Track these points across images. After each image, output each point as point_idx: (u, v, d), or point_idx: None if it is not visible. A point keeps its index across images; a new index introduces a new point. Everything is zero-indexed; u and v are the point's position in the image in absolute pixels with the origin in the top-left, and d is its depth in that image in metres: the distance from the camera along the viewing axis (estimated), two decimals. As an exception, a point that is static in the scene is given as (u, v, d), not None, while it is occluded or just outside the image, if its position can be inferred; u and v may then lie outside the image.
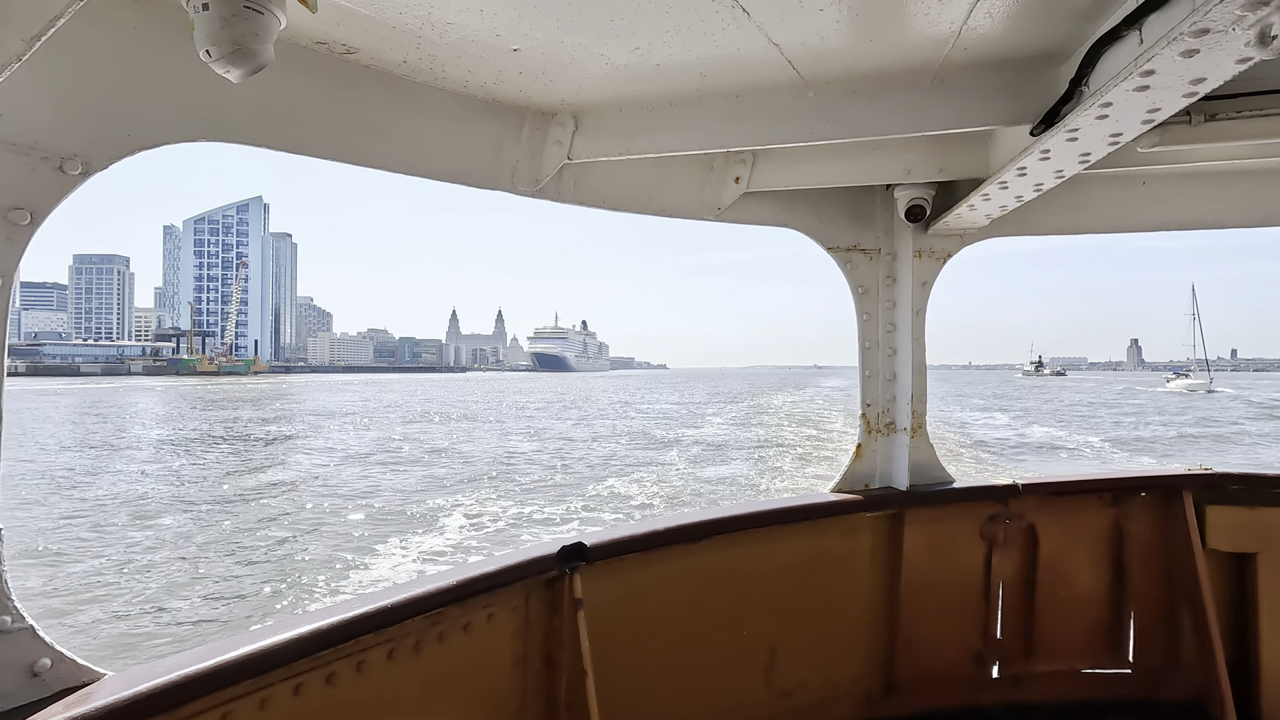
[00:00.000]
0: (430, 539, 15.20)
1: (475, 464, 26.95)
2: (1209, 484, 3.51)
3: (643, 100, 2.51)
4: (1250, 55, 1.47)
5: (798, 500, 3.33)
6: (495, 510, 17.99)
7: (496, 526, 16.31)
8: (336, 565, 13.44)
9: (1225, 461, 18.47)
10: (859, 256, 3.52)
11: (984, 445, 31.60)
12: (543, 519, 17.01)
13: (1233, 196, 3.34)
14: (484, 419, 50.08)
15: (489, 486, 21.29)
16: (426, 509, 18.24)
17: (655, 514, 14.13)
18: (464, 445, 33.16)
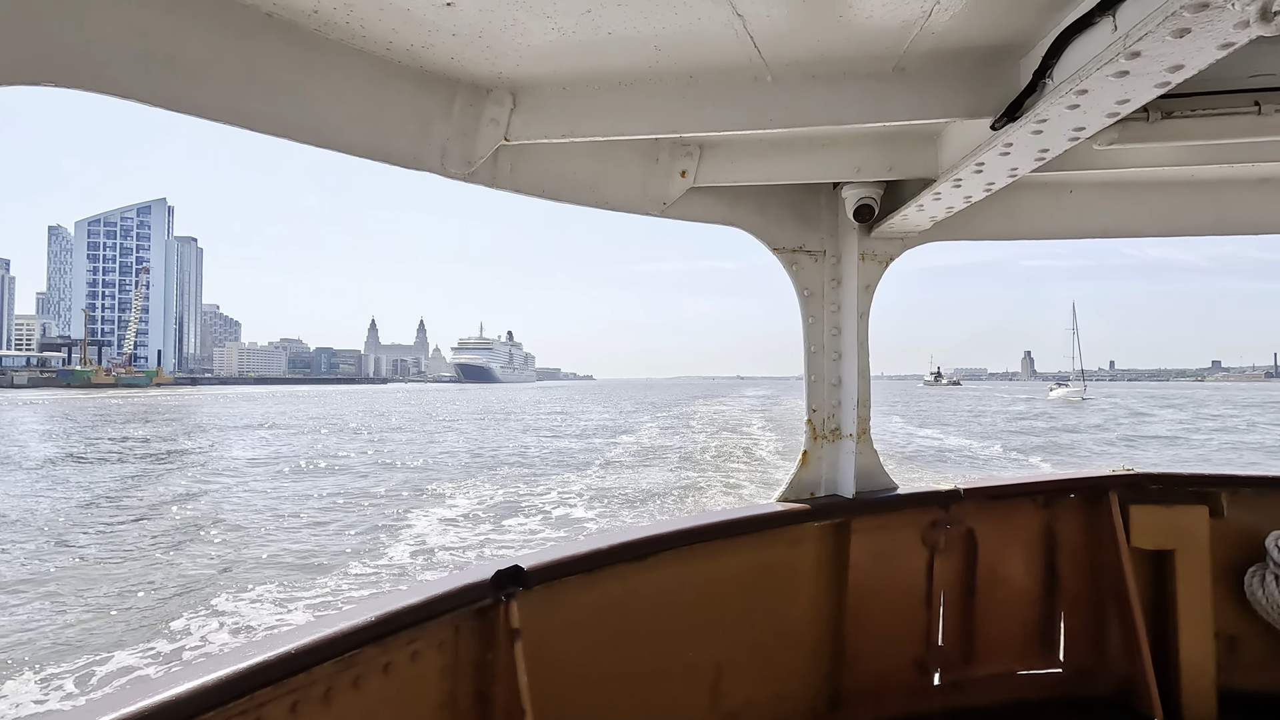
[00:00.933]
0: (354, 565, 13.77)
1: (403, 474, 25.60)
2: (1132, 484, 3.58)
3: (589, 77, 2.28)
4: (1236, 39, 1.38)
5: (744, 511, 3.17)
6: (426, 531, 16.70)
7: (432, 546, 15.06)
8: (235, 601, 11.75)
9: (1138, 461, 19.94)
10: (804, 258, 3.41)
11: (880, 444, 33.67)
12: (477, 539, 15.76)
13: (1149, 207, 3.43)
14: (411, 429, 48.16)
15: (417, 506, 19.79)
16: (348, 530, 16.94)
17: (599, 531, 13.50)
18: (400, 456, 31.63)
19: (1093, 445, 39.44)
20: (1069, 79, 1.73)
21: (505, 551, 13.27)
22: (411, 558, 14.08)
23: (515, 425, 52.75)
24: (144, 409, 75.03)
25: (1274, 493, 3.60)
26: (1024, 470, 21.05)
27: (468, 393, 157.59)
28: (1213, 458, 33.91)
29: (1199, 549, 3.49)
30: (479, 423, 53.03)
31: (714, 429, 44.57)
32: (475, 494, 21.31)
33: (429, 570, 13.20)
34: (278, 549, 15.03)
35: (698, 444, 36.02)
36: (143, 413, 68.22)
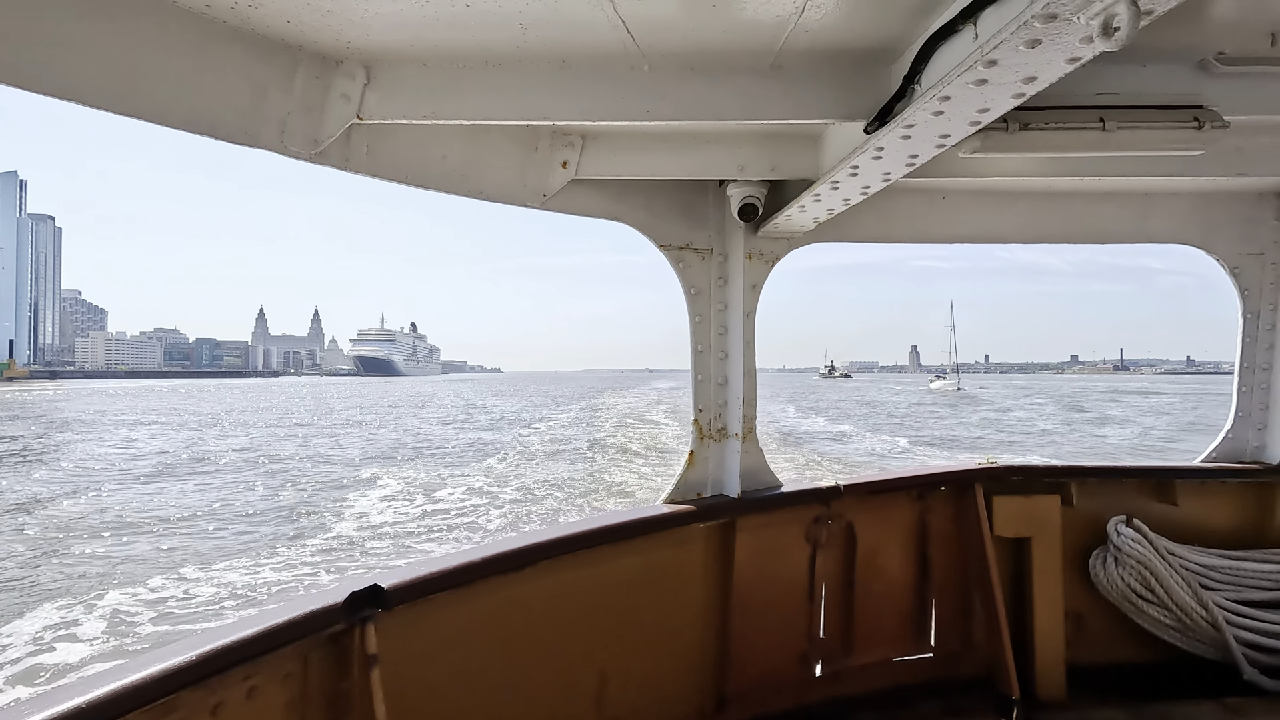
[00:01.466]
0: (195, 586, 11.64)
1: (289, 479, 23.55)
2: (995, 476, 3.76)
3: (452, 53, 2.08)
4: (1082, 54, 1.42)
5: (629, 515, 3.07)
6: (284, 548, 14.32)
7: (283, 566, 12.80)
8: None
9: (996, 453, 21.59)
10: (691, 256, 3.35)
11: (771, 430, 35.55)
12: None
13: (1012, 214, 3.62)
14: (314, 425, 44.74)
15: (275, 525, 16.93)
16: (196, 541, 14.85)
17: (473, 543, 11.63)
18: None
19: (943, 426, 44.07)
20: (934, 85, 1.74)
21: (384, 563, 12.32)
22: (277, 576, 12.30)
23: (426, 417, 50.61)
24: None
25: (1115, 481, 3.90)
26: (901, 462, 21.79)
27: (370, 386, 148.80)
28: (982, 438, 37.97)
29: (1052, 535, 3.72)
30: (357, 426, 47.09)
31: (621, 417, 45.58)
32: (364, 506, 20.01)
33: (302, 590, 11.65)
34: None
35: (605, 431, 36.86)
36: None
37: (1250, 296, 3.89)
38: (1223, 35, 2.04)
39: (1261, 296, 3.88)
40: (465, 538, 14.29)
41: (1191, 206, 3.77)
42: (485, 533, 14.90)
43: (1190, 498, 3.88)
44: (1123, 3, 1.19)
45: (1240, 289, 3.90)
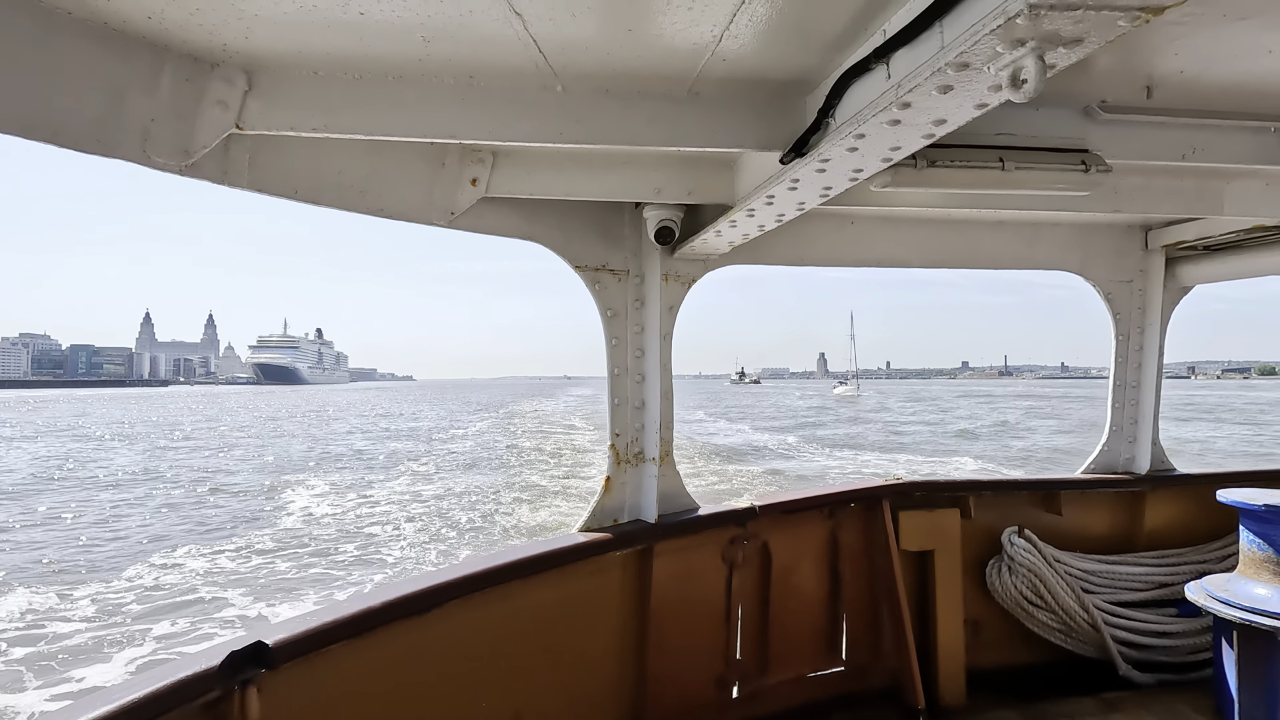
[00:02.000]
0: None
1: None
2: (900, 492, 3.88)
3: (348, 62, 1.91)
4: (989, 101, 1.45)
5: (543, 546, 2.93)
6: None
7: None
8: None
9: (903, 467, 22.50)
10: (608, 277, 3.26)
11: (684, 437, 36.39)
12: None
13: (914, 241, 3.76)
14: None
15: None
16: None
17: (372, 588, 8.47)
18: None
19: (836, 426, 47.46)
20: (849, 122, 1.74)
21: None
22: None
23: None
24: None
25: (1009, 494, 4.11)
26: (813, 483, 21.92)
27: (273, 396, 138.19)
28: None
29: (952, 547, 3.87)
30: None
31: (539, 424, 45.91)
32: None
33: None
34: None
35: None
36: None
37: (1121, 320, 4.21)
38: (1105, 86, 2.16)
39: (1131, 320, 4.21)
40: (365, 577, 12.57)
41: (1072, 237, 4.04)
42: (388, 563, 13.42)
43: (1073, 507, 4.14)
44: (1030, 57, 1.20)
45: (1113, 313, 4.21)
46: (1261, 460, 26.84)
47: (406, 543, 15.25)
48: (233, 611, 10.98)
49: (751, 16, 1.66)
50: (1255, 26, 1.75)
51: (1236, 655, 3.12)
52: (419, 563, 13.78)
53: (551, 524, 16.77)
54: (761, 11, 1.63)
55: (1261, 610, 3.03)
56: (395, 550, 14.68)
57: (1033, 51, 1.20)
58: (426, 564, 13.53)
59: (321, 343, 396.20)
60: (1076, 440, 35.72)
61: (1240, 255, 3.98)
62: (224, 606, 11.20)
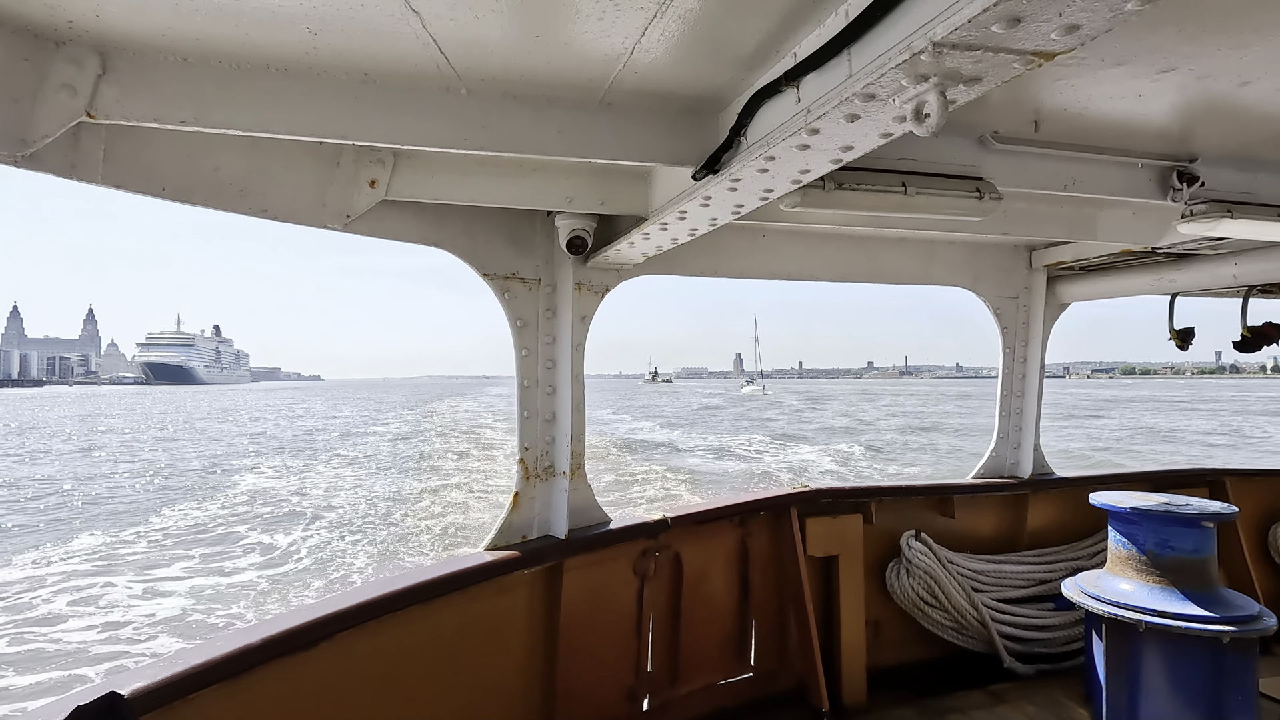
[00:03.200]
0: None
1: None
2: (807, 499, 3.94)
3: (223, 51, 1.70)
4: (894, 131, 1.46)
5: (446, 567, 2.77)
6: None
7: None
8: None
9: (809, 475, 23.76)
10: (518, 286, 3.13)
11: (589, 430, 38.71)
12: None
13: (823, 256, 3.83)
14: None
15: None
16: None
17: (249, 624, 5.09)
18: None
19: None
20: (760, 143, 1.71)
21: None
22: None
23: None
24: None
25: (907, 499, 4.26)
26: (725, 491, 22.45)
27: (151, 399, 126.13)
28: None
29: (855, 552, 3.97)
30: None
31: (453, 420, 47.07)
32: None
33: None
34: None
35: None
36: None
37: (1008, 333, 4.46)
38: (998, 117, 2.25)
39: (1016, 334, 4.47)
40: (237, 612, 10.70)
41: (965, 255, 4.25)
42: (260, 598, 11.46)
43: (965, 510, 4.35)
44: (933, 93, 1.21)
45: (1001, 327, 4.45)
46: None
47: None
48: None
49: (664, 31, 1.59)
50: (1129, 72, 1.85)
51: (1104, 646, 3.34)
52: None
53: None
54: (674, 27, 1.57)
55: (1125, 604, 3.26)
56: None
57: (935, 87, 1.21)
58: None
59: (220, 340, 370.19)
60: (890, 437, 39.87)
61: (1110, 276, 4.31)
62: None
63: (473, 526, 15.76)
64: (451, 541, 14.75)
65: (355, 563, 13.47)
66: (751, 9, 1.49)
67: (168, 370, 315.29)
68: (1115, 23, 0.99)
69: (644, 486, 20.45)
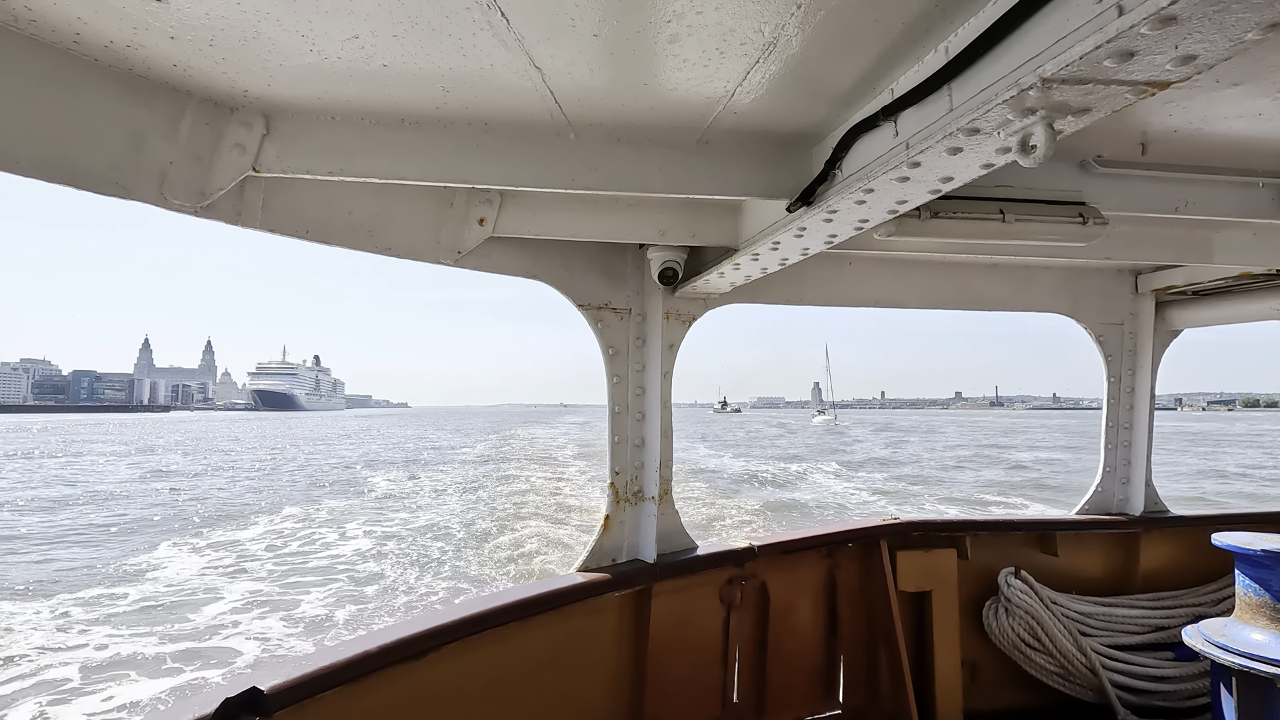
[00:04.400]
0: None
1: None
2: (898, 532, 3.81)
3: (366, 110, 1.90)
4: (996, 161, 1.46)
5: (541, 587, 2.85)
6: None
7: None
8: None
9: (901, 508, 23.03)
10: (610, 316, 3.24)
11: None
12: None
13: (911, 283, 3.76)
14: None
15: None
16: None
17: (367, 632, 8.39)
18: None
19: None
20: (858, 175, 1.74)
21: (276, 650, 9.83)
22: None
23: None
24: None
25: (1005, 535, 4.05)
26: (812, 523, 22.31)
27: (270, 423, 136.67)
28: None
29: (950, 588, 3.80)
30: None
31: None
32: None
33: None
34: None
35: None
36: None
37: (1113, 362, 4.20)
38: (1102, 142, 2.18)
39: (1122, 362, 4.20)
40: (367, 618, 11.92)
41: (1063, 280, 4.06)
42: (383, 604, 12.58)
43: (1068, 548, 4.08)
44: (1040, 125, 1.22)
45: (1104, 355, 4.20)
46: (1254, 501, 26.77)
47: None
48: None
49: (765, 74, 1.66)
50: (1247, 92, 1.78)
51: (1236, 702, 3.03)
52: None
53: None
54: (774, 69, 1.64)
55: (1259, 656, 2.96)
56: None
57: (1042, 120, 1.21)
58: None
59: (319, 370, 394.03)
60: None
61: (1228, 301, 4.00)
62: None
63: (541, 535, 17.43)
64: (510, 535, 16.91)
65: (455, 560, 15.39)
66: (851, 49, 1.54)
67: (274, 397, 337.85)
68: (1235, 51, 0.95)
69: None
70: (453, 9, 1.39)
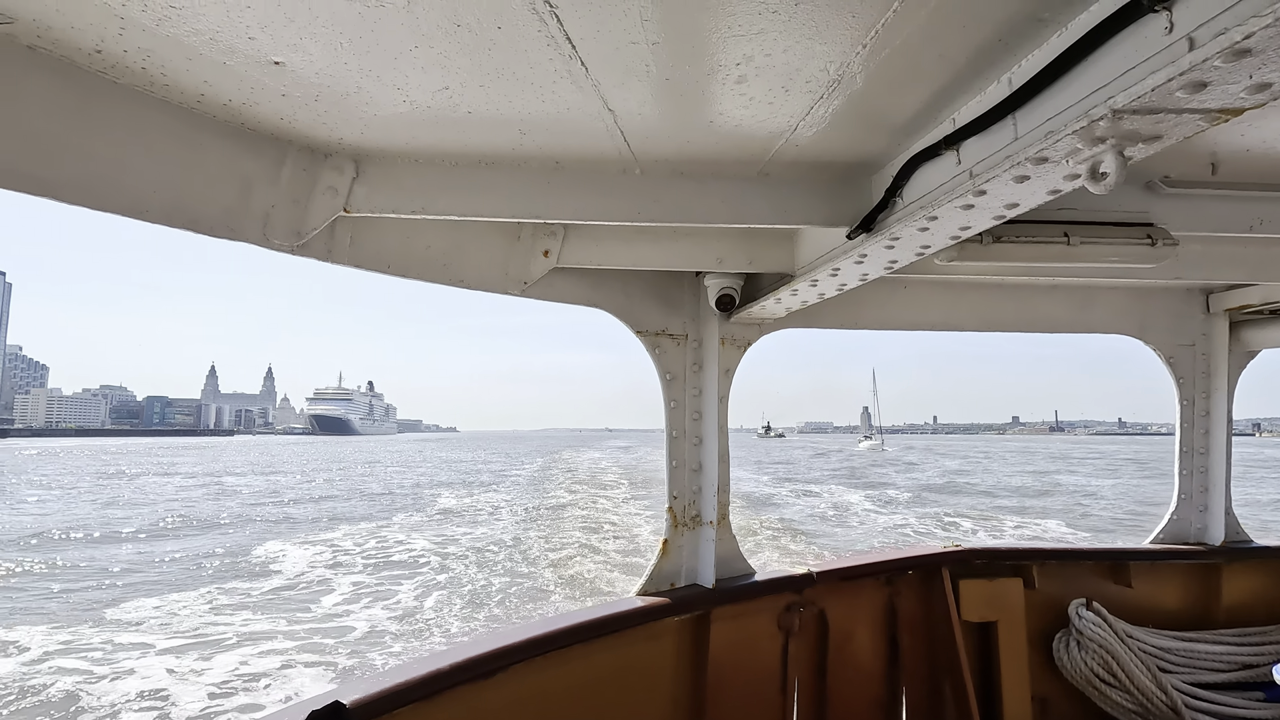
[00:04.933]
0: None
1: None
2: (960, 559, 3.71)
3: (448, 152, 2.02)
4: (1062, 188, 1.47)
5: (601, 611, 2.88)
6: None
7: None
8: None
9: (966, 535, 22.50)
10: (667, 342, 3.30)
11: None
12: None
13: (969, 305, 3.70)
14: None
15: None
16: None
17: (437, 650, 9.67)
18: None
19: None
20: (920, 203, 1.76)
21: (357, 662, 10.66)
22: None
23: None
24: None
25: (1074, 564, 3.89)
26: (870, 549, 22.75)
27: (331, 446, 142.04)
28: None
29: (1016, 619, 3.66)
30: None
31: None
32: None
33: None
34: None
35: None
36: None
37: (1185, 384, 4.03)
38: (1169, 163, 2.15)
39: (1195, 385, 4.02)
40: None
41: (1129, 300, 3.93)
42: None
43: (1143, 579, 3.89)
44: (1110, 153, 1.22)
45: (1176, 377, 4.04)
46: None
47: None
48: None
49: (828, 108, 1.71)
50: None
51: (1339, 747, 2.83)
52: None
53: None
54: (837, 104, 1.69)
55: None
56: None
57: (1113, 148, 1.22)
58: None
59: (373, 395, 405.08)
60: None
61: None
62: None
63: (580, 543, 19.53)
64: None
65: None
66: (914, 82, 1.58)
67: (330, 422, 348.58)
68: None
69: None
70: (537, 60, 1.49)
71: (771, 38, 1.38)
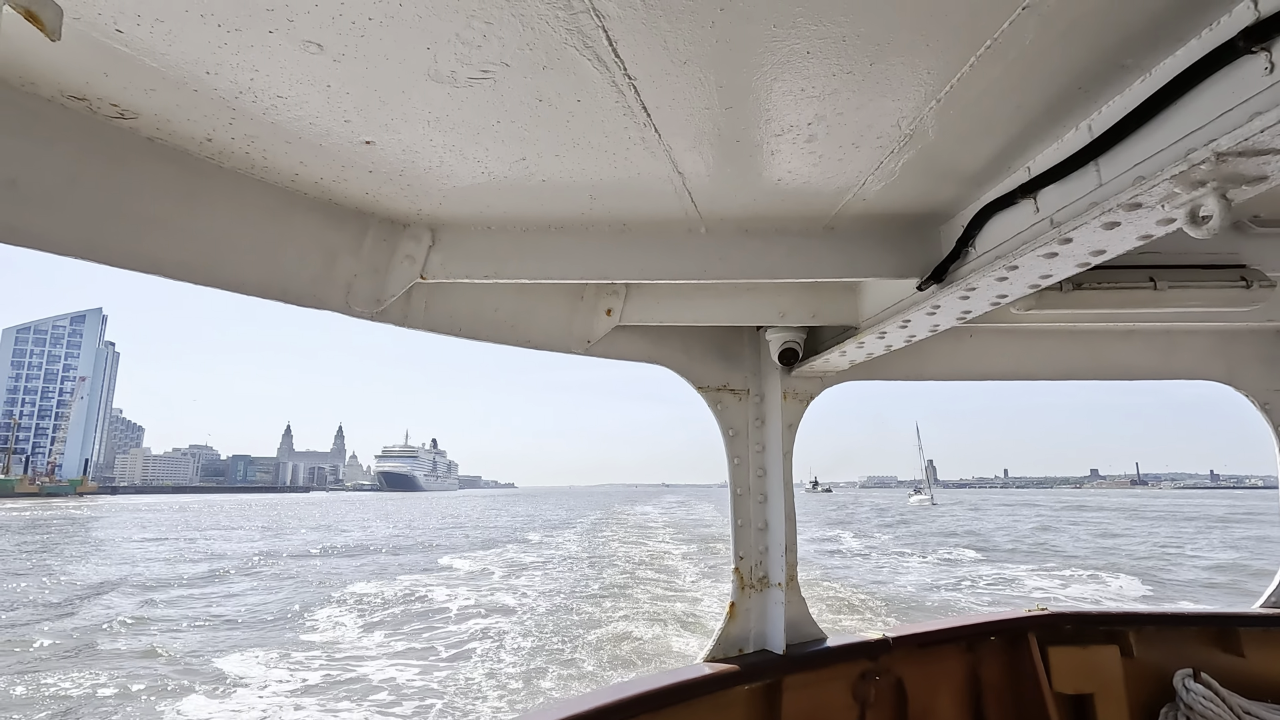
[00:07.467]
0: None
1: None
2: (1047, 624, 3.39)
3: (519, 219, 2.07)
4: (1155, 233, 1.37)
5: (668, 679, 2.73)
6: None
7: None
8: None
9: (1055, 599, 20.59)
10: (728, 397, 3.22)
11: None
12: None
13: (1037, 353, 3.50)
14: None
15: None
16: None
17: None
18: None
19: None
20: (996, 252, 1.69)
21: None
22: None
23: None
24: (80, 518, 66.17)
25: (1174, 630, 3.50)
26: (949, 614, 20.97)
27: (407, 503, 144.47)
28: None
29: (1116, 691, 3.29)
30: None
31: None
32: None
33: None
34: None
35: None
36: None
37: None
38: (1260, 202, 2.01)
39: None
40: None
41: (1215, 344, 3.65)
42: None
43: (1256, 647, 3.46)
44: (1212, 196, 1.14)
45: (1273, 424, 3.68)
46: None
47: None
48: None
49: (898, 162, 1.67)
50: None
51: None
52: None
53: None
54: (908, 157, 1.65)
55: None
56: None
57: (1214, 191, 1.13)
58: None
59: (436, 452, 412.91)
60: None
61: None
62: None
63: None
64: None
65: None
66: (988, 133, 1.53)
67: (397, 478, 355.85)
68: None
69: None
70: (613, 129, 1.51)
71: (844, 97, 1.36)
